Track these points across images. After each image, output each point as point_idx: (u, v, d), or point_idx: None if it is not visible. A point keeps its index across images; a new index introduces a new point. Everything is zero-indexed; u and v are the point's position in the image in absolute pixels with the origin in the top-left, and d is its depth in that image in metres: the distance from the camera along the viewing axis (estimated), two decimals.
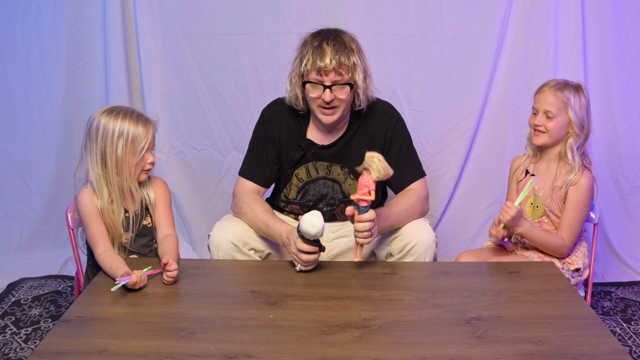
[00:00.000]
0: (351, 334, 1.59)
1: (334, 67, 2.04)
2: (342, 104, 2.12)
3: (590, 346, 1.54)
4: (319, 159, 2.25)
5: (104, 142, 1.97)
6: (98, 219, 2.02)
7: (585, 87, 2.29)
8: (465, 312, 1.70)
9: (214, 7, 2.91)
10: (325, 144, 2.24)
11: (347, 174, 2.26)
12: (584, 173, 2.24)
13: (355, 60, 2.08)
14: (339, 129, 2.24)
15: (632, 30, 2.90)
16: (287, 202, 2.31)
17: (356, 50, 2.11)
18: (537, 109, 2.26)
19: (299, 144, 2.24)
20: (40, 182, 3.11)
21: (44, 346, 1.54)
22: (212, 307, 1.74)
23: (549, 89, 2.24)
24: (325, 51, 2.05)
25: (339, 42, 2.08)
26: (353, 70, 2.08)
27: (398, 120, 2.27)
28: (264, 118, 2.30)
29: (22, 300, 2.79)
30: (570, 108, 2.21)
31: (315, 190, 2.28)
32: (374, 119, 2.24)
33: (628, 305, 2.79)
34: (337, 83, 2.08)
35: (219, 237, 2.14)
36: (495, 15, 2.89)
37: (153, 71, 2.98)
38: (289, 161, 2.26)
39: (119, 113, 2.00)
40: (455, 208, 3.14)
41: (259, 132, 2.29)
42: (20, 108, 3.02)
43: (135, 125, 1.99)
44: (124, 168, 1.99)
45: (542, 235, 2.18)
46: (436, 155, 3.04)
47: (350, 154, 2.24)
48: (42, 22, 2.93)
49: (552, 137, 2.24)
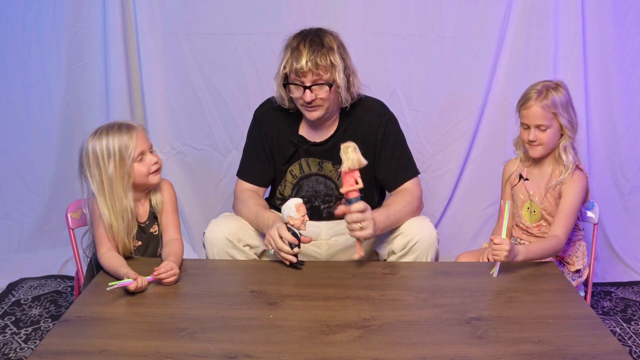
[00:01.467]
0: (351, 334, 1.59)
1: (310, 69, 2.06)
2: (325, 102, 2.14)
3: (590, 346, 1.54)
4: (311, 155, 2.27)
5: (97, 168, 1.96)
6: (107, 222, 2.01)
7: (562, 82, 2.26)
8: (465, 312, 1.70)
9: (214, 7, 2.91)
10: (317, 141, 2.26)
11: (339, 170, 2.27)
12: (576, 171, 2.23)
13: (334, 59, 2.09)
14: (330, 127, 2.26)
15: (632, 30, 2.90)
16: (282, 200, 2.32)
17: (337, 48, 2.11)
18: (528, 124, 2.22)
19: (291, 140, 2.26)
20: (40, 182, 3.11)
21: (44, 346, 1.54)
22: (212, 307, 1.74)
23: (534, 102, 2.18)
24: (302, 53, 2.07)
25: (316, 43, 2.08)
26: (332, 69, 2.09)
27: (389, 119, 2.27)
28: (256, 117, 2.33)
29: (22, 300, 2.79)
30: (560, 114, 2.18)
31: (308, 186, 2.29)
32: (365, 117, 2.25)
33: (628, 305, 2.79)
34: (316, 83, 2.09)
35: (213, 233, 2.15)
36: (495, 15, 2.89)
37: (153, 71, 2.98)
38: (282, 158, 2.28)
39: (101, 132, 1.98)
40: (455, 208, 3.14)
41: (253, 132, 2.33)
42: (20, 108, 3.02)
43: (118, 137, 1.96)
44: (119, 187, 1.98)
45: (539, 248, 2.10)
46: (436, 155, 3.04)
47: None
48: (42, 22, 2.93)
49: (549, 147, 2.23)
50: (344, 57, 2.14)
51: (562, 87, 2.23)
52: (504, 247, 1.91)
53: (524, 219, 2.32)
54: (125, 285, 1.78)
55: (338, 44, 2.14)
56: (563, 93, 2.21)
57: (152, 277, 1.85)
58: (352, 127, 2.24)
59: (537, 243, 2.13)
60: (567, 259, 2.29)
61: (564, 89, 2.23)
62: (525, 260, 1.99)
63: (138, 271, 1.84)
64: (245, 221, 2.21)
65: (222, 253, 2.14)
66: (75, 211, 2.30)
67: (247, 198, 2.25)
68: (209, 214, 3.09)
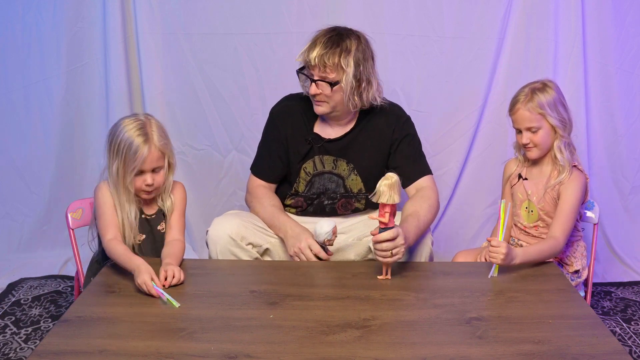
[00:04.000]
0: (351, 334, 1.59)
1: (316, 64, 2.10)
2: (330, 100, 2.16)
3: (590, 346, 1.54)
4: (326, 152, 2.28)
5: (117, 153, 1.95)
6: (112, 210, 2.01)
7: (550, 81, 2.25)
8: (465, 312, 1.70)
9: (214, 7, 2.91)
10: (331, 138, 2.27)
11: (351, 169, 2.28)
12: (574, 172, 2.23)
13: (344, 62, 2.10)
14: (345, 124, 2.27)
15: (632, 30, 2.90)
16: (295, 195, 2.33)
17: (354, 52, 2.12)
18: (519, 129, 2.23)
19: (306, 138, 2.27)
20: (40, 182, 3.11)
21: (44, 346, 1.54)
22: (212, 307, 1.74)
23: (521, 106, 2.19)
24: (316, 47, 2.11)
25: (333, 41, 2.11)
26: (339, 70, 2.11)
27: (407, 120, 2.30)
28: (272, 115, 2.36)
29: (22, 300, 2.79)
30: (548, 114, 2.18)
31: (320, 183, 2.30)
32: (383, 118, 2.27)
33: (628, 305, 2.79)
34: (322, 79, 2.13)
35: (216, 232, 2.16)
36: (495, 15, 2.89)
37: (153, 71, 2.98)
38: (297, 155, 2.29)
39: (131, 123, 1.97)
40: (455, 208, 3.14)
41: (267, 129, 2.36)
42: (20, 108, 3.02)
43: (135, 140, 1.94)
44: (121, 180, 1.97)
45: (537, 251, 2.07)
46: (436, 155, 3.04)
47: (355, 150, 2.27)
48: (42, 22, 2.93)
49: (544, 147, 2.23)
50: (361, 63, 2.14)
51: (550, 87, 2.22)
52: (501, 250, 1.89)
53: (522, 218, 2.32)
54: (162, 295, 1.76)
55: (360, 49, 2.14)
56: (550, 92, 2.20)
57: (161, 292, 1.78)
58: (368, 126, 2.26)
59: (535, 245, 2.12)
60: (566, 259, 2.29)
61: (553, 88, 2.22)
62: (523, 263, 1.98)
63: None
64: (249, 220, 2.22)
65: (225, 251, 2.14)
66: (75, 211, 2.30)
67: (262, 196, 2.31)
68: (209, 214, 3.08)
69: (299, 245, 2.10)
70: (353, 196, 2.31)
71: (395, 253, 1.89)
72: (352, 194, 2.31)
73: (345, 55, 2.11)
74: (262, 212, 2.27)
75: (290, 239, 2.14)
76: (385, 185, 1.84)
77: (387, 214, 1.87)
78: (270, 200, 2.30)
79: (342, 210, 2.33)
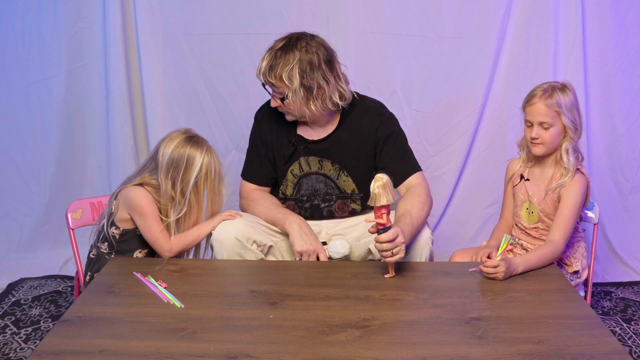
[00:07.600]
0: (351, 334, 1.59)
1: (264, 80, 2.14)
2: (290, 110, 2.19)
3: (590, 346, 1.54)
4: (310, 154, 2.28)
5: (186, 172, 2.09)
6: (158, 217, 2.09)
7: (570, 85, 2.25)
8: (465, 312, 1.70)
9: (214, 7, 2.91)
10: (315, 139, 2.27)
11: (338, 170, 2.28)
12: (577, 175, 2.23)
13: (286, 75, 2.09)
14: (326, 125, 2.27)
15: (632, 30, 2.90)
16: (284, 199, 2.33)
17: (297, 64, 2.09)
18: (531, 122, 2.22)
19: (290, 140, 2.28)
20: (40, 182, 3.11)
21: (44, 346, 1.54)
22: (212, 307, 1.74)
23: (539, 100, 2.19)
24: (262, 62, 2.14)
25: (278, 56, 2.10)
26: (283, 84, 2.11)
27: (389, 117, 2.30)
28: (256, 119, 2.38)
29: (22, 300, 2.79)
30: (563, 114, 2.19)
31: (308, 184, 2.30)
32: (365, 117, 2.26)
33: (628, 305, 2.79)
34: (274, 92, 2.17)
35: (222, 234, 2.13)
36: (495, 15, 2.89)
37: (153, 71, 2.98)
38: (282, 158, 2.30)
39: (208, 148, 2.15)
40: (455, 208, 3.14)
41: (254, 134, 2.38)
42: (20, 108, 3.02)
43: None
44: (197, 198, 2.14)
45: (538, 256, 2.07)
46: (436, 155, 3.04)
47: (339, 150, 2.27)
48: (42, 22, 2.93)
49: (551, 146, 2.23)
50: (306, 72, 2.10)
51: (569, 89, 2.23)
52: (500, 269, 1.91)
53: (522, 219, 2.32)
54: None
55: (305, 58, 2.10)
56: (569, 95, 2.21)
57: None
58: (350, 126, 2.26)
59: (535, 252, 2.11)
60: (566, 260, 2.28)
61: (571, 91, 2.23)
62: (525, 271, 1.99)
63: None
64: (252, 219, 2.22)
65: (232, 253, 2.13)
66: (75, 211, 2.30)
67: (259, 197, 2.32)
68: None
69: (308, 247, 2.12)
70: (348, 197, 2.31)
71: (396, 252, 1.90)
72: (347, 195, 2.31)
73: (287, 68, 2.09)
74: (262, 212, 2.26)
75: (302, 235, 2.14)
76: (379, 187, 1.85)
77: (384, 214, 1.88)
78: (269, 199, 2.31)
79: (339, 212, 2.33)
